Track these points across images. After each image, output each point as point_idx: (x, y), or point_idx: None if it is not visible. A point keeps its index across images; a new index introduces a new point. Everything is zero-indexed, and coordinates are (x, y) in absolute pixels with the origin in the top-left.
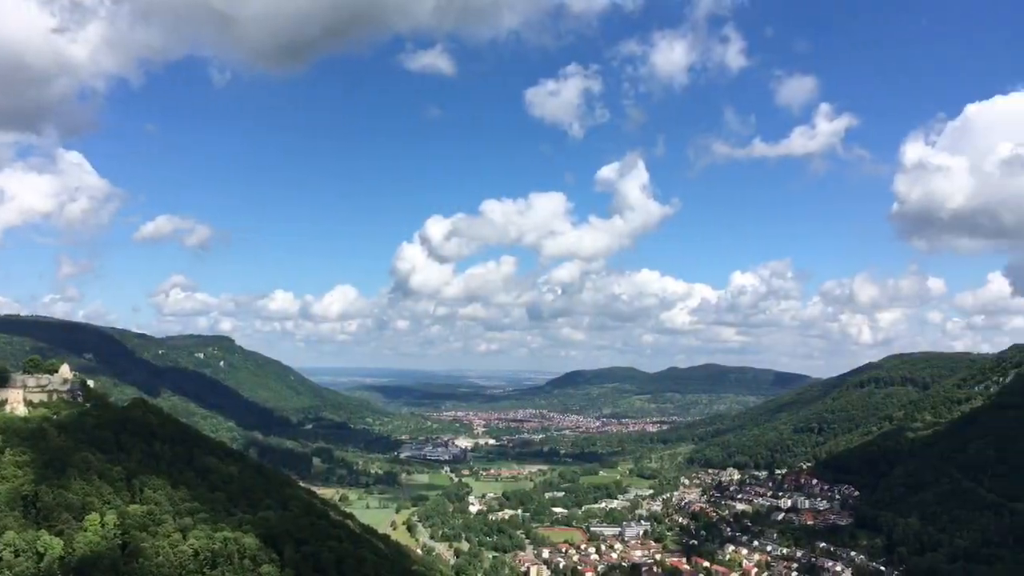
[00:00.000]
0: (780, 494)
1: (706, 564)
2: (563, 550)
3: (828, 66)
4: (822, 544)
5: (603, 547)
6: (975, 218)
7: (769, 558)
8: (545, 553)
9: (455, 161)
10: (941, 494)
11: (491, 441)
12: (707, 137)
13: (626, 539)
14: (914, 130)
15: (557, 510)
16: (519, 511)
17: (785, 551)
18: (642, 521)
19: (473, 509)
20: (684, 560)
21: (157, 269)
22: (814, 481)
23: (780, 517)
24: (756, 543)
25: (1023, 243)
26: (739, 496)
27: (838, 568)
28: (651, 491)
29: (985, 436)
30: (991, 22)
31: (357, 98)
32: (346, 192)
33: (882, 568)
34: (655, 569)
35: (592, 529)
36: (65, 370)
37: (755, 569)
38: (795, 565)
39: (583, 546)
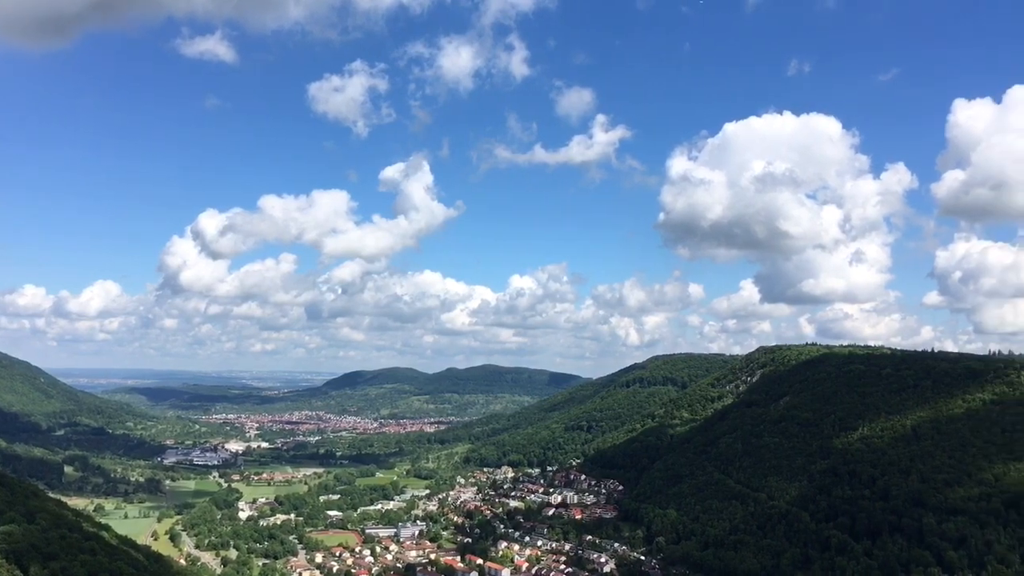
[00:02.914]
0: (551, 490)
1: (479, 561)
2: (337, 554)
3: (604, 80)
4: (589, 537)
5: (378, 549)
6: (730, 229)
7: (540, 552)
8: (318, 557)
9: (233, 153)
10: (696, 486)
11: (264, 444)
12: (491, 141)
13: (401, 540)
14: (679, 145)
15: (332, 513)
16: (292, 516)
17: (555, 545)
18: (418, 521)
19: (243, 515)
20: (458, 558)
21: None
22: (583, 477)
23: (551, 513)
24: (528, 539)
25: (771, 254)
26: (513, 493)
27: (603, 559)
28: (428, 491)
29: (734, 431)
30: (747, 51)
31: (126, 81)
32: (111, 181)
33: (642, 557)
34: (429, 569)
35: (367, 531)
36: None
37: (526, 564)
38: (563, 558)
39: (358, 549)
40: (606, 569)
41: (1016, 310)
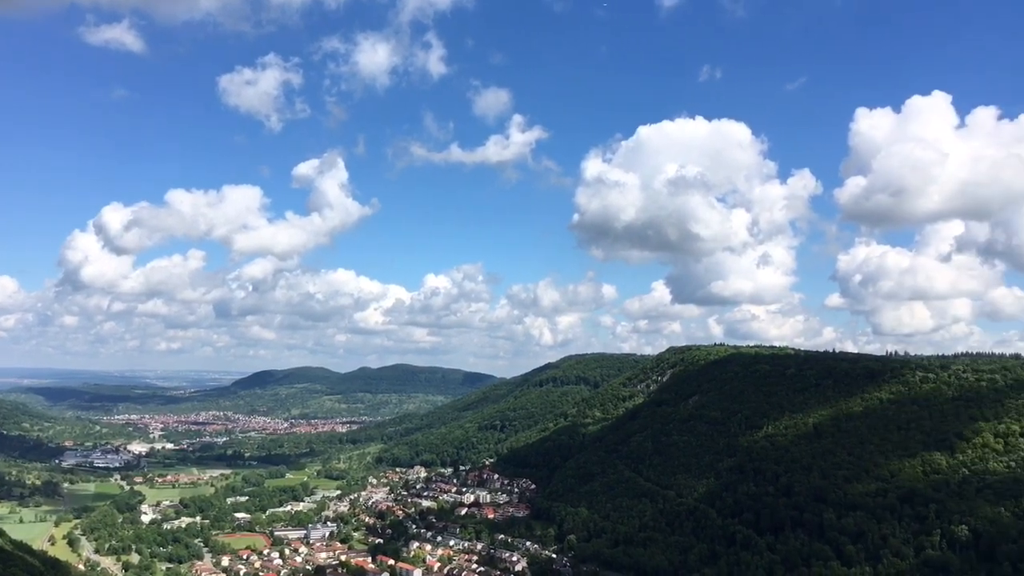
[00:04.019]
0: (464, 490)
1: (391, 562)
2: (244, 557)
3: (521, 81)
4: (501, 536)
5: (287, 551)
6: (643, 231)
7: (452, 552)
8: (225, 561)
9: (139, 146)
10: (607, 484)
11: (169, 446)
12: (407, 140)
13: (311, 542)
14: (595, 147)
15: (240, 515)
16: (198, 518)
17: (467, 544)
18: (328, 523)
19: (146, 518)
20: (369, 559)
21: None
22: (496, 476)
23: (464, 512)
24: (440, 538)
25: (682, 256)
26: (425, 493)
27: (514, 558)
28: (339, 492)
29: (645, 430)
30: (661, 56)
31: (24, 68)
32: (8, 172)
33: (553, 555)
34: (340, 570)
35: (276, 533)
36: None
37: (438, 564)
38: (475, 557)
39: (266, 551)
40: (518, 568)
41: (912, 312)
